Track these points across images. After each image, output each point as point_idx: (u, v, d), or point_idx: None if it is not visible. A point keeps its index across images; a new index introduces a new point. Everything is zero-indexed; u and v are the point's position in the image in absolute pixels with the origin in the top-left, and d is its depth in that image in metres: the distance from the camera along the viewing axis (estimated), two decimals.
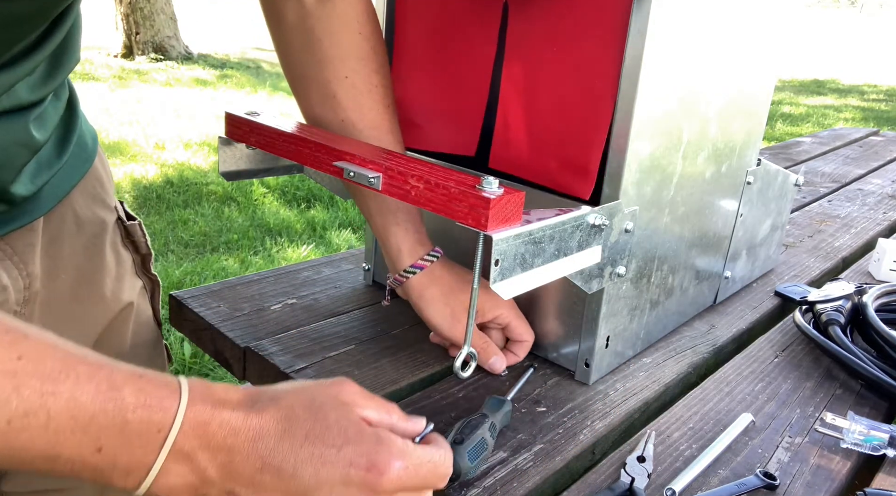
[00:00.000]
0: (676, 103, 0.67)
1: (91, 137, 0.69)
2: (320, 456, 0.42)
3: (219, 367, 2.14)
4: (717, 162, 0.78)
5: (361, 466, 0.43)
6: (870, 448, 0.63)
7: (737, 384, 0.74)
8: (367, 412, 0.46)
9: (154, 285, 0.76)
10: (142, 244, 0.73)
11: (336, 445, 0.43)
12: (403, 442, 0.45)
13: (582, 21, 0.64)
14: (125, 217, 0.72)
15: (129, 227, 0.72)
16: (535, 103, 0.68)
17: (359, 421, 0.45)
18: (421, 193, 0.53)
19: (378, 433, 0.44)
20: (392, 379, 0.69)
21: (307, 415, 0.43)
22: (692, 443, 0.64)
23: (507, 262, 0.51)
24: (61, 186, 0.63)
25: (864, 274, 1.08)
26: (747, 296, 0.96)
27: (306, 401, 0.44)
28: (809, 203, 1.45)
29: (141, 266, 0.74)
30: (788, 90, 8.72)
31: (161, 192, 3.62)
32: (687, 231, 0.78)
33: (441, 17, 0.75)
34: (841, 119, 6.94)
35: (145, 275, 0.75)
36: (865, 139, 2.20)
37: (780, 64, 0.85)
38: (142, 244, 0.73)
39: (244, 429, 0.42)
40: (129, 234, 0.72)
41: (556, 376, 0.72)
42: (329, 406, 0.44)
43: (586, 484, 0.58)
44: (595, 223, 0.59)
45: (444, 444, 0.49)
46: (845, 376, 0.77)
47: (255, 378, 0.73)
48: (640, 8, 0.60)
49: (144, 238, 0.73)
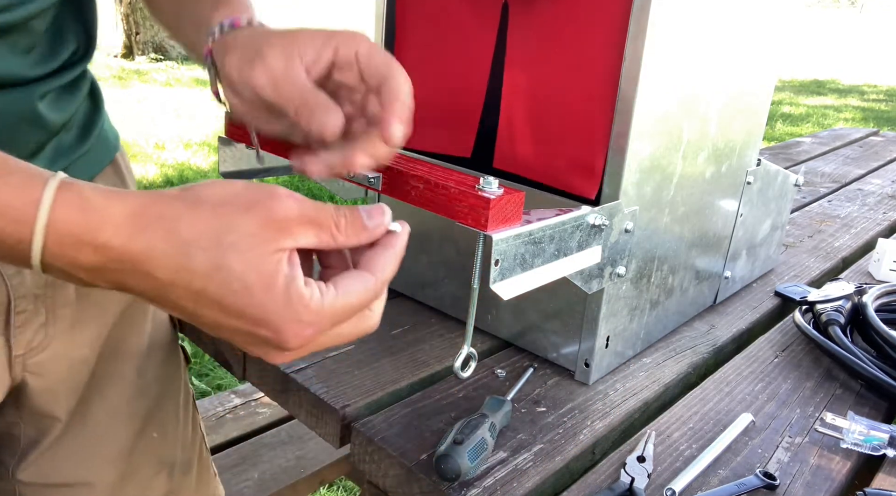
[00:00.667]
0: (676, 103, 0.67)
1: (114, 136, 0.70)
2: (214, 319, 0.39)
3: (219, 367, 2.14)
4: (717, 162, 0.78)
5: (260, 337, 0.39)
6: (870, 448, 0.63)
7: (737, 384, 0.74)
8: (301, 239, 0.40)
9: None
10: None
11: (233, 312, 0.38)
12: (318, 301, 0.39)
13: (582, 21, 0.64)
14: None
15: None
16: (539, 103, 0.68)
17: (272, 272, 0.38)
18: (421, 193, 0.53)
19: (289, 295, 0.38)
20: (392, 379, 0.69)
21: (206, 261, 0.37)
22: (692, 443, 0.64)
23: (507, 262, 0.51)
24: (82, 174, 0.62)
25: (864, 274, 1.08)
26: (747, 296, 0.96)
27: (212, 237, 0.38)
28: (809, 203, 1.45)
29: None
30: (788, 90, 8.72)
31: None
32: (687, 231, 0.78)
33: (441, 18, 0.75)
34: (841, 119, 6.94)
35: None
36: (865, 139, 2.20)
37: (780, 64, 0.85)
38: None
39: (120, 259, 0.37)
40: None
41: (556, 376, 0.72)
42: (242, 246, 0.38)
43: (586, 484, 0.58)
44: (595, 223, 0.59)
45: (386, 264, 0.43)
46: (845, 376, 0.77)
47: (255, 378, 0.73)
48: (640, 8, 0.60)
49: None
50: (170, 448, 0.74)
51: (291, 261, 0.40)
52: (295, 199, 0.40)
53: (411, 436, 0.61)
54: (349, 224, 0.41)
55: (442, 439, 0.57)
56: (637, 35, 0.60)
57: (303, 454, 1.31)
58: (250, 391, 1.47)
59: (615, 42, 0.62)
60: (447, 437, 0.56)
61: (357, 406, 0.65)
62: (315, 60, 0.48)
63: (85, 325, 0.64)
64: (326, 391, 0.66)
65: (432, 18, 0.76)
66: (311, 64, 0.48)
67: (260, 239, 0.38)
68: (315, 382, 0.67)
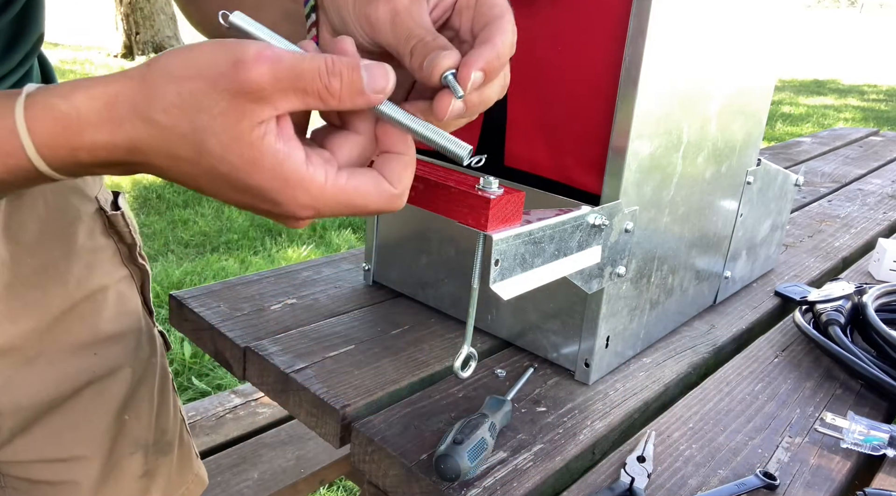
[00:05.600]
0: (676, 103, 0.67)
1: None
2: (222, 194, 0.38)
3: (219, 367, 2.14)
4: (717, 162, 0.78)
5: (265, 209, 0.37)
6: (870, 448, 0.63)
7: (737, 384, 0.74)
8: (282, 105, 0.35)
9: (143, 274, 0.77)
10: (126, 234, 0.74)
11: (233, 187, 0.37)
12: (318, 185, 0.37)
13: (583, 21, 0.64)
14: (109, 207, 0.73)
15: (112, 217, 0.72)
16: (545, 102, 0.69)
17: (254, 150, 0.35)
18: (421, 193, 0.53)
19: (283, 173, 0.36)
20: (392, 379, 0.69)
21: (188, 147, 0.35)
22: (692, 443, 0.64)
23: (507, 262, 0.51)
24: None
25: (864, 274, 1.08)
26: (747, 296, 0.96)
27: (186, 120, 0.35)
28: (809, 203, 1.45)
29: (128, 256, 0.74)
30: (788, 90, 8.72)
31: (161, 191, 3.62)
32: (687, 231, 0.78)
33: None
34: (841, 119, 6.94)
35: (133, 265, 0.75)
36: (865, 139, 2.20)
37: (780, 64, 0.85)
38: (126, 234, 0.74)
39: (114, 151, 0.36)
40: (112, 223, 0.72)
41: (556, 376, 0.72)
42: (216, 127, 0.35)
43: (586, 484, 0.58)
44: (595, 223, 0.59)
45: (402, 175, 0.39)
46: (845, 376, 0.77)
47: (255, 378, 0.73)
48: (640, 8, 0.60)
49: (129, 228, 0.74)
50: (144, 430, 0.75)
51: (281, 133, 0.36)
52: (267, 61, 0.34)
53: (411, 436, 0.61)
54: (345, 86, 0.36)
55: (442, 439, 0.57)
56: (637, 35, 0.60)
57: (303, 454, 1.31)
58: (250, 391, 1.47)
59: (615, 42, 0.62)
60: (447, 437, 0.56)
61: (357, 406, 0.65)
62: (439, 1, 0.43)
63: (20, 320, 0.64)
64: (326, 391, 0.66)
65: None
66: (435, 4, 0.43)
67: (233, 117, 0.35)
68: (315, 382, 0.67)
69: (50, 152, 0.37)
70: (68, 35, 7.96)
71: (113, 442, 0.72)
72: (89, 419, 0.70)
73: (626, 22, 0.61)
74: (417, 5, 0.42)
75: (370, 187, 0.39)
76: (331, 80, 0.35)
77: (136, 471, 0.74)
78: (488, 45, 0.40)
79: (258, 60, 0.34)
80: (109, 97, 0.36)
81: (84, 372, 0.69)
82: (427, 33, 0.41)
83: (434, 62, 0.38)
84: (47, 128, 0.36)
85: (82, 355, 0.69)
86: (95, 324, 0.70)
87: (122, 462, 0.73)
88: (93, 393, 0.70)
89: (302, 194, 0.37)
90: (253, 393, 1.46)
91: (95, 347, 0.70)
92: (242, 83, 0.34)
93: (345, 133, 0.40)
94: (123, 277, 0.74)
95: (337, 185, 0.38)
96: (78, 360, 0.69)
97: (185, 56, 0.36)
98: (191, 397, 2.01)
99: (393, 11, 0.41)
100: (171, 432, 0.79)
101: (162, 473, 0.77)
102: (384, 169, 0.40)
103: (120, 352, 0.72)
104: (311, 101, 0.36)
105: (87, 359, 0.69)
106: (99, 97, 0.36)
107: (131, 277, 0.75)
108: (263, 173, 0.36)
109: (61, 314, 0.67)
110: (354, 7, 0.43)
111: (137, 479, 0.74)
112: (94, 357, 0.70)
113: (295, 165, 0.36)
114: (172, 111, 0.35)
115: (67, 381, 0.68)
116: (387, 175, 0.40)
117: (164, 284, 2.59)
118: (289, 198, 0.37)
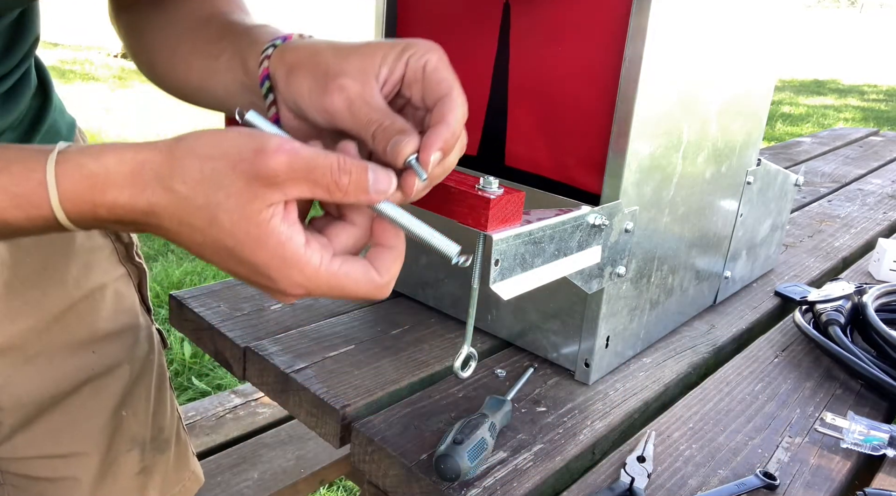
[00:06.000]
0: (676, 103, 0.67)
1: (67, 127, 0.70)
2: (220, 263, 0.41)
3: (219, 367, 2.14)
4: (717, 162, 0.78)
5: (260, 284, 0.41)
6: (870, 448, 0.63)
7: (737, 384, 0.74)
8: (292, 192, 0.39)
9: (140, 273, 0.77)
10: (122, 233, 0.74)
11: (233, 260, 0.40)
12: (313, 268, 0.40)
13: (583, 21, 0.64)
14: None
15: None
16: (545, 102, 0.69)
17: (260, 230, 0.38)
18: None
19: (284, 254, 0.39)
20: (392, 379, 0.69)
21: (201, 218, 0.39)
22: (692, 443, 0.64)
23: (507, 262, 0.51)
24: None
25: (864, 274, 1.08)
26: (747, 296, 0.96)
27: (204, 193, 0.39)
28: (809, 203, 1.45)
29: (125, 254, 0.75)
30: (788, 90, 8.72)
31: None
32: (687, 231, 0.78)
33: (442, 17, 0.75)
34: (841, 119, 6.94)
35: (129, 263, 0.75)
36: (865, 139, 2.20)
37: (780, 64, 0.85)
38: (122, 233, 0.74)
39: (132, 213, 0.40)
40: None
41: (556, 376, 0.72)
42: (229, 205, 0.38)
43: (586, 484, 0.58)
44: (595, 223, 0.59)
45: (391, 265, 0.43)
46: (845, 376, 0.77)
47: (255, 378, 0.73)
48: (640, 8, 0.60)
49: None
50: (141, 427, 0.75)
51: (287, 217, 0.39)
52: (285, 153, 0.38)
53: (411, 436, 0.61)
54: (352, 183, 0.39)
55: (442, 439, 0.57)
56: (637, 35, 0.60)
57: (303, 454, 1.31)
58: (250, 391, 1.47)
59: (615, 42, 0.62)
60: (447, 437, 0.56)
61: (357, 406, 0.65)
62: (387, 78, 0.45)
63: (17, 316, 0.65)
64: (326, 391, 0.66)
65: (433, 18, 0.76)
66: (384, 82, 0.45)
67: (246, 197, 0.38)
68: (315, 382, 0.67)
69: (73, 206, 0.40)
70: (68, 35, 7.95)
71: (111, 438, 0.72)
72: (88, 416, 0.70)
73: (626, 22, 0.61)
74: (369, 89, 0.44)
75: (359, 275, 0.42)
76: (341, 176, 0.39)
77: (133, 468, 0.74)
78: (443, 125, 0.42)
79: (278, 151, 0.38)
80: (137, 163, 0.40)
81: (83, 370, 0.69)
82: (385, 117, 0.43)
83: (396, 149, 0.41)
84: (74, 184, 0.40)
85: (81, 353, 0.69)
86: (94, 322, 0.70)
87: (120, 458, 0.73)
88: (91, 390, 0.70)
89: (297, 274, 0.40)
90: (253, 393, 1.46)
91: (94, 345, 0.70)
92: (259, 169, 0.38)
93: (342, 223, 0.44)
94: (121, 276, 0.74)
95: (330, 269, 0.41)
96: (77, 358, 0.69)
97: (212, 137, 0.40)
98: (191, 397, 2.01)
99: (348, 100, 0.44)
100: (168, 430, 0.79)
101: (159, 470, 0.77)
102: (375, 260, 0.43)
103: (118, 349, 0.73)
104: (318, 192, 0.39)
105: (85, 357, 0.70)
106: (128, 162, 0.40)
107: (129, 276, 0.75)
108: (266, 251, 0.39)
109: (60, 313, 0.67)
110: (310, 98, 0.45)
111: (135, 476, 0.74)
112: (93, 355, 0.70)
113: (295, 247, 0.40)
114: (193, 184, 0.39)
115: (67, 379, 0.68)
116: (377, 266, 0.43)
117: (164, 284, 2.59)
118: (284, 276, 0.40)
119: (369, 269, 0.43)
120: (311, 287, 0.41)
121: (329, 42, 0.47)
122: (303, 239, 0.40)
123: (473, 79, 0.73)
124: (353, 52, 0.45)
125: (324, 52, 0.46)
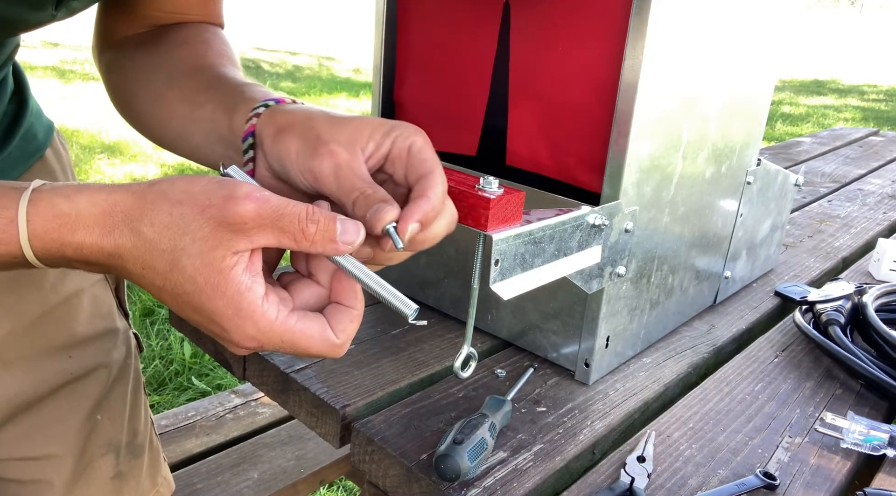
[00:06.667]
0: (676, 103, 0.67)
1: (44, 130, 0.69)
2: (177, 307, 0.41)
3: (219, 367, 2.14)
4: (717, 162, 0.78)
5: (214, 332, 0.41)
6: (870, 448, 0.63)
7: (737, 384, 0.74)
8: (258, 240, 0.39)
9: (117, 277, 0.77)
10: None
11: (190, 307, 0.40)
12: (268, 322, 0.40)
13: (583, 21, 0.64)
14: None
15: None
16: (546, 102, 0.69)
17: (220, 278, 0.39)
18: None
19: (240, 304, 0.39)
20: (392, 379, 0.69)
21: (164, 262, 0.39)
22: (692, 443, 0.64)
23: (507, 262, 0.51)
24: (3, 177, 0.62)
25: (864, 274, 1.08)
26: (747, 296, 0.96)
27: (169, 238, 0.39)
28: (809, 203, 1.45)
29: None
30: (788, 90, 8.72)
31: None
32: (687, 231, 0.78)
33: (442, 17, 0.75)
34: (841, 119, 6.94)
35: None
36: (865, 139, 2.20)
37: (780, 64, 0.85)
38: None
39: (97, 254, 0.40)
40: None
41: (556, 376, 0.72)
42: (193, 250, 0.39)
43: (586, 484, 0.58)
44: (595, 223, 0.59)
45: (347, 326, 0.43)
46: (845, 376, 0.77)
47: (255, 378, 0.73)
48: (640, 8, 0.60)
49: None
50: (117, 431, 0.75)
51: (251, 268, 0.40)
52: (254, 200, 0.39)
53: (411, 436, 0.61)
54: (319, 232, 0.40)
55: (442, 439, 0.57)
56: (637, 35, 0.60)
57: (303, 454, 1.31)
58: (250, 391, 1.47)
59: (615, 42, 0.62)
60: (447, 437, 0.56)
61: (357, 406, 0.65)
62: (373, 153, 0.47)
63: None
64: (326, 391, 0.66)
65: (433, 18, 0.76)
66: (370, 156, 0.47)
67: (211, 243, 0.39)
68: (315, 382, 0.67)
69: (41, 244, 0.40)
70: (68, 35, 7.95)
71: (85, 442, 0.72)
72: (63, 419, 0.70)
73: (626, 22, 0.61)
74: (356, 159, 0.46)
75: (314, 333, 0.42)
76: (308, 225, 0.40)
77: (108, 472, 0.74)
78: (424, 199, 0.44)
79: (247, 198, 0.39)
80: (108, 205, 0.40)
81: (60, 374, 0.69)
82: (368, 186, 0.45)
83: (377, 216, 0.43)
84: (45, 223, 0.40)
85: (58, 358, 0.69)
86: (71, 327, 0.70)
87: (95, 462, 0.73)
88: (68, 393, 0.70)
89: (251, 326, 0.40)
90: (253, 393, 1.46)
91: (71, 350, 0.70)
92: (227, 214, 0.39)
93: (307, 281, 0.45)
94: (98, 280, 0.74)
95: (286, 324, 0.41)
96: (54, 363, 0.69)
97: (184, 183, 0.40)
98: (191, 397, 2.01)
99: (336, 165, 0.45)
100: (142, 434, 0.79)
101: (134, 475, 0.77)
102: (332, 318, 0.44)
103: (95, 353, 0.72)
104: (285, 240, 0.40)
105: (62, 361, 0.69)
106: (100, 203, 0.40)
107: (106, 280, 0.75)
108: (222, 300, 0.39)
109: (37, 318, 0.67)
110: (297, 159, 0.47)
111: (109, 481, 0.74)
112: (70, 359, 0.70)
113: (252, 298, 0.40)
114: (160, 228, 0.39)
115: (44, 383, 0.68)
116: (333, 325, 0.44)
117: None
118: (237, 326, 0.40)
119: (325, 328, 0.43)
120: (263, 340, 0.41)
121: (322, 110, 0.50)
122: (262, 291, 0.40)
123: (473, 79, 0.74)
124: (345, 124, 0.47)
125: (318, 118, 0.48)
